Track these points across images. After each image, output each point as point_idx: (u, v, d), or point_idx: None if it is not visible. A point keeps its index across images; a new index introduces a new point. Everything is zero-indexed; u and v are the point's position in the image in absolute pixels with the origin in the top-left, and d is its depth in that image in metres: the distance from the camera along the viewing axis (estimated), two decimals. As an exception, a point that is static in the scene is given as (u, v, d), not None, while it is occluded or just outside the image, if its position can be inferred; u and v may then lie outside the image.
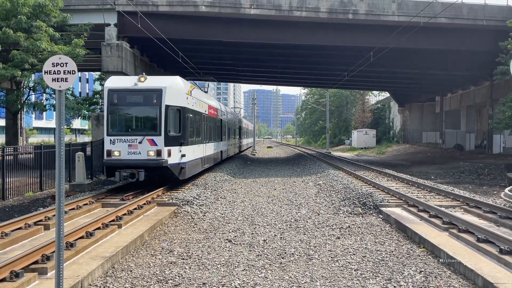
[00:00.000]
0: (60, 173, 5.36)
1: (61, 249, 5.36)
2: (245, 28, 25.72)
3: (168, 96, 14.18)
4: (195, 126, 17.02)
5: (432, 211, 10.84)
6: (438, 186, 16.17)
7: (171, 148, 14.23)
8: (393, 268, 7.26)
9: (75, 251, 7.40)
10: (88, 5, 23.98)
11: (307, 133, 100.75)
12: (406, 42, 24.57)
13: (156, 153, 13.84)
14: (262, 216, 11.80)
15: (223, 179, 19.19)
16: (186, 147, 15.28)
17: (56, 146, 5.39)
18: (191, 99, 16.17)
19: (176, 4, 24.35)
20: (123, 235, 8.91)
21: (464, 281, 6.65)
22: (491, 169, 25.50)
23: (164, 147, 13.92)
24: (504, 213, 10.36)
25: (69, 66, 5.44)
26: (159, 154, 13.85)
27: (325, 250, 8.43)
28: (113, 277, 6.87)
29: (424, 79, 40.62)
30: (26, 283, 5.98)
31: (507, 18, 25.62)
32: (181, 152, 14.84)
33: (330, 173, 21.53)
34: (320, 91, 78.87)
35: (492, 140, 36.44)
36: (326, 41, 27.00)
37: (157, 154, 13.84)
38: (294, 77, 45.08)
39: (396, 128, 61.59)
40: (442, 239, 8.53)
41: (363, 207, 12.49)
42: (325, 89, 65.22)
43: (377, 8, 25.20)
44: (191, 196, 13.54)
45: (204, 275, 6.96)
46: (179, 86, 15.20)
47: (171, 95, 14.34)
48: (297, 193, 16.10)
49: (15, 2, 20.09)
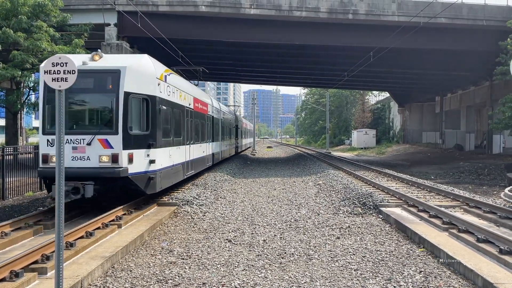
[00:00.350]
0: (60, 173, 5.36)
1: (61, 249, 5.36)
2: (245, 28, 25.72)
3: (129, 80, 10.64)
4: (173, 123, 13.52)
5: (432, 211, 10.84)
6: (438, 186, 16.17)
7: (133, 152, 10.71)
8: (393, 268, 7.26)
9: (75, 251, 7.40)
10: (88, 5, 23.98)
11: (307, 133, 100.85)
12: (406, 42, 24.56)
13: (112, 159, 10.31)
14: (262, 216, 11.80)
15: (223, 179, 19.20)
16: (158, 150, 11.77)
17: (56, 146, 5.39)
18: (165, 86, 12.56)
19: (176, 4, 24.36)
20: (123, 235, 8.91)
21: (464, 281, 6.65)
22: (491, 169, 25.51)
23: (122, 150, 10.39)
24: (504, 213, 10.37)
25: (69, 65, 5.44)
26: (116, 159, 10.31)
27: (325, 250, 8.43)
28: (113, 277, 6.87)
29: (424, 79, 40.63)
30: (26, 283, 5.98)
31: (507, 18, 25.62)
32: (150, 156, 11.32)
33: (330, 173, 21.53)
34: (320, 91, 78.91)
35: (492, 140, 36.46)
36: (326, 41, 27.00)
37: (113, 159, 10.30)
38: (294, 77, 45.10)
39: (396, 128, 61.60)
40: (442, 239, 8.53)
41: (363, 207, 12.49)
42: (325, 89, 65.27)
43: (377, 8, 25.21)
44: (191, 196, 13.54)
45: (204, 275, 6.96)
46: (147, 67, 11.51)
47: (134, 79, 10.84)
48: (297, 193, 16.10)
49: (15, 2, 20.08)
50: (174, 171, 13.67)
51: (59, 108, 5.42)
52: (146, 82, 11.32)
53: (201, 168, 18.74)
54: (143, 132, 11.25)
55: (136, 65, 11.15)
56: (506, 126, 26.87)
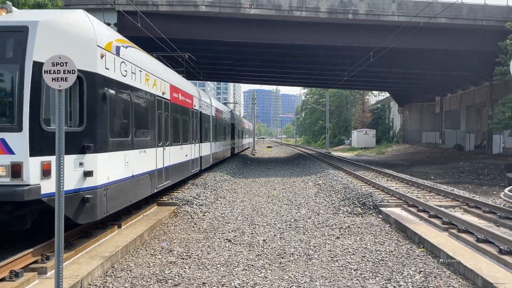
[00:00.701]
0: (59, 173, 5.36)
1: (61, 249, 5.35)
2: (245, 28, 25.73)
3: (43, 44, 6.81)
4: (134, 116, 9.71)
5: (431, 211, 10.84)
6: (438, 186, 16.18)
7: (51, 160, 6.73)
8: (392, 268, 7.26)
9: (75, 250, 7.40)
10: (88, 5, 23.95)
11: (307, 133, 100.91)
12: (406, 42, 24.57)
13: (11, 171, 6.50)
14: (262, 216, 11.80)
15: (222, 179, 19.20)
16: (101, 156, 7.94)
17: (56, 146, 5.39)
18: (117, 62, 8.73)
19: (176, 3, 24.36)
20: (123, 235, 8.91)
21: (463, 281, 6.65)
22: (491, 169, 25.52)
23: (29, 156, 6.54)
24: (504, 213, 10.37)
25: (69, 65, 5.43)
26: (17, 172, 6.50)
27: (324, 250, 8.43)
28: (113, 276, 6.87)
29: (424, 79, 40.65)
30: (25, 283, 5.98)
31: (507, 18, 25.64)
32: (84, 166, 7.51)
33: (329, 173, 21.54)
34: (320, 91, 78.97)
35: (491, 140, 36.49)
36: (326, 41, 27.01)
37: (13, 172, 6.50)
38: (294, 77, 45.11)
39: (396, 128, 61.63)
40: (442, 239, 8.53)
41: (362, 207, 12.50)
42: (325, 89, 65.29)
43: (377, 8, 25.23)
44: (190, 196, 13.54)
45: (204, 274, 6.96)
46: (81, 28, 7.65)
47: (54, 42, 7.01)
48: (296, 193, 16.10)
49: (15, 1, 20.10)
50: (134, 185, 9.74)
51: (59, 108, 5.41)
52: (78, 50, 7.36)
53: (183, 176, 15.35)
54: (72, 128, 7.32)
55: (58, 22, 7.21)
56: (506, 126, 26.89)
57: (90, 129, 7.63)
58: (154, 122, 11.34)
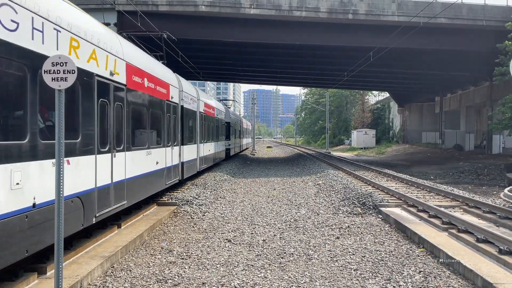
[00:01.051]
0: (59, 172, 5.35)
1: (61, 249, 5.35)
2: (245, 28, 25.73)
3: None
4: (38, 103, 5.94)
5: (431, 211, 10.84)
6: (438, 186, 16.18)
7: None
8: (392, 268, 7.26)
9: (75, 251, 7.40)
10: (88, 5, 23.91)
11: (307, 133, 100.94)
12: (406, 42, 24.58)
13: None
14: (262, 216, 11.80)
15: (222, 179, 19.20)
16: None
17: (56, 146, 5.38)
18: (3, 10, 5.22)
19: (176, 3, 24.36)
20: (123, 235, 8.91)
21: (463, 281, 6.65)
22: (491, 169, 25.52)
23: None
24: (504, 213, 10.37)
25: (68, 65, 5.42)
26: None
27: (324, 250, 8.43)
28: (113, 276, 6.87)
29: (424, 79, 40.67)
30: (25, 283, 5.97)
31: (507, 18, 25.64)
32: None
33: (329, 173, 21.54)
34: (320, 91, 78.96)
35: (491, 141, 36.51)
36: (326, 41, 27.01)
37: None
38: (294, 77, 45.12)
39: (396, 128, 61.65)
40: (442, 239, 8.54)
41: (362, 207, 12.50)
42: (325, 89, 65.29)
43: (377, 8, 25.23)
44: (190, 196, 13.54)
45: (204, 275, 6.96)
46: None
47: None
48: (296, 193, 16.10)
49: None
50: (35, 222, 5.81)
51: (59, 108, 5.41)
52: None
53: (152, 191, 11.64)
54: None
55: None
56: (506, 126, 26.91)
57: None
58: (91, 116, 7.64)
